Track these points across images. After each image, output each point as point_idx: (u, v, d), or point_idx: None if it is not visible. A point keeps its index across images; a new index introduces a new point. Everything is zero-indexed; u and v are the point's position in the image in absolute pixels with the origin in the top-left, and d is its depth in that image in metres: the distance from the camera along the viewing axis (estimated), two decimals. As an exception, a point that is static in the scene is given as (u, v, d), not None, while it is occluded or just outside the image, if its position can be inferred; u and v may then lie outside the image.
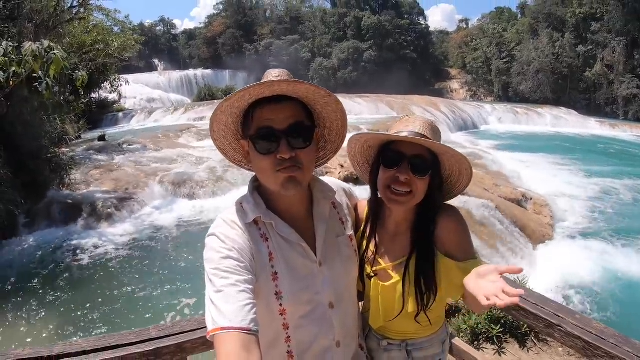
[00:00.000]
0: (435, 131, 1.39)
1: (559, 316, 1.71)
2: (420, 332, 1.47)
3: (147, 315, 6.17)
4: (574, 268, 8.11)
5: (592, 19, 39.70)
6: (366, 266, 1.45)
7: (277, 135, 1.17)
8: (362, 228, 1.49)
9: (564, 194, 12.84)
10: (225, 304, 1.04)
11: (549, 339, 3.65)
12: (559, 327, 1.68)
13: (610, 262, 8.48)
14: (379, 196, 1.44)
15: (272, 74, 1.26)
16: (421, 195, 1.36)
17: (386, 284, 1.42)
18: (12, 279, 7.18)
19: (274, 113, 1.18)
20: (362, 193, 1.60)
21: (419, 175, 1.32)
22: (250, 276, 1.13)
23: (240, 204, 1.28)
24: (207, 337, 1.04)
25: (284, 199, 1.28)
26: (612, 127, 29.89)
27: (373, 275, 1.44)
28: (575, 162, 17.83)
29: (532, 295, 1.91)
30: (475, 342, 3.75)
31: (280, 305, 1.23)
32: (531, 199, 10.99)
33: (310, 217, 1.34)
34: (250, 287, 1.11)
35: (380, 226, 1.48)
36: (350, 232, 1.44)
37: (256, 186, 1.32)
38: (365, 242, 1.47)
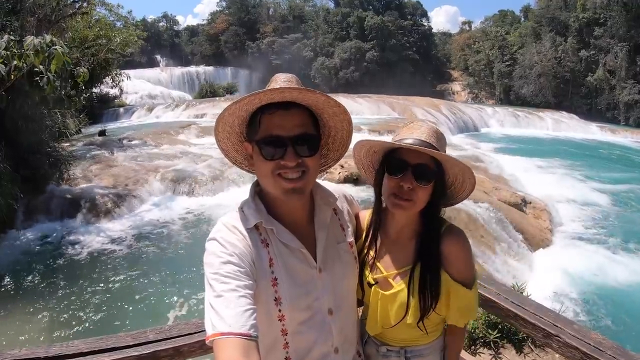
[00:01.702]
0: (440, 138, 1.39)
1: (557, 326, 1.72)
2: (420, 339, 1.47)
3: (145, 315, 6.15)
4: (573, 274, 8.11)
5: (595, 24, 39.68)
6: (366, 273, 1.45)
7: (284, 142, 1.18)
8: (363, 236, 1.49)
9: (563, 198, 12.81)
10: (225, 309, 1.04)
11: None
12: (557, 338, 1.68)
13: (610, 269, 8.45)
14: (382, 202, 1.44)
15: (281, 78, 1.27)
16: (424, 202, 1.36)
17: (387, 292, 1.42)
18: (9, 274, 7.18)
19: (283, 120, 1.18)
20: (362, 193, 1.60)
21: (423, 183, 1.33)
22: (250, 281, 1.13)
23: (241, 209, 1.28)
24: (207, 342, 1.03)
25: (285, 205, 1.28)
26: (613, 132, 29.93)
27: (373, 283, 1.44)
28: (575, 167, 17.83)
29: (530, 305, 1.92)
30: (472, 347, 3.75)
31: (279, 311, 1.22)
32: (530, 203, 10.99)
33: (311, 223, 1.34)
34: (250, 292, 1.10)
35: (381, 233, 1.48)
36: (351, 238, 1.44)
37: (257, 191, 1.32)
38: (365, 250, 1.46)
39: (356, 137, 1.40)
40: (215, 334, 1.01)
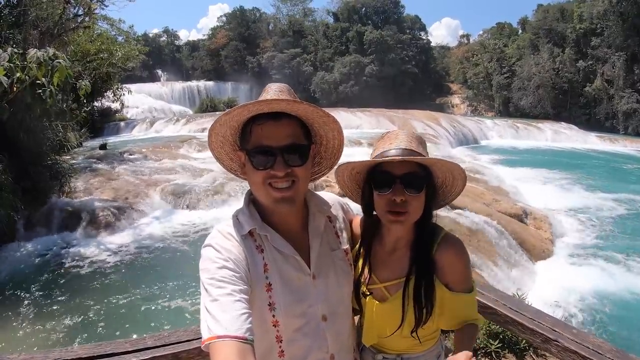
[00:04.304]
0: (421, 142, 1.39)
1: (555, 331, 1.72)
2: (416, 347, 1.46)
3: (144, 325, 6.12)
4: (574, 284, 8.06)
5: (592, 34, 40.14)
6: (361, 284, 1.44)
7: (274, 152, 1.20)
8: (357, 246, 1.48)
9: (564, 209, 12.80)
10: (222, 312, 1.05)
11: (547, 354, 3.62)
12: (555, 342, 1.68)
13: (610, 279, 8.42)
14: (371, 215, 1.44)
15: (273, 89, 1.30)
16: (419, 211, 1.35)
17: (382, 303, 1.41)
18: (9, 285, 7.15)
19: (272, 131, 1.21)
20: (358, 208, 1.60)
21: (414, 192, 1.31)
22: (245, 286, 1.14)
23: (235, 217, 1.30)
24: (202, 346, 1.04)
25: (278, 213, 1.30)
26: (612, 141, 30.02)
27: (368, 293, 1.43)
28: (575, 178, 17.81)
29: (528, 310, 1.92)
30: (473, 358, 3.71)
31: (273, 316, 1.23)
32: (531, 214, 10.97)
33: (306, 230, 1.35)
34: (246, 297, 1.11)
35: (376, 244, 1.46)
36: (346, 246, 1.45)
37: (252, 199, 1.34)
38: (360, 261, 1.46)
39: (356, 151, 1.39)
40: (212, 337, 1.02)
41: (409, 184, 1.31)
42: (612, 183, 17.08)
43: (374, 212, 1.42)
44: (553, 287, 7.90)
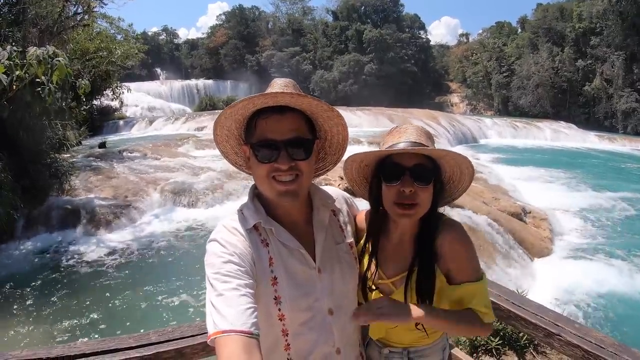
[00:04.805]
0: (429, 136, 1.39)
1: (558, 325, 1.72)
2: (422, 340, 1.46)
3: (146, 322, 6.12)
4: (574, 282, 8.07)
5: (591, 33, 40.19)
6: (368, 278, 1.44)
7: (278, 146, 1.20)
8: (362, 241, 1.48)
9: (563, 208, 12.81)
10: (227, 307, 1.05)
11: (547, 351, 3.64)
12: (558, 337, 1.68)
13: (610, 277, 8.42)
14: (378, 210, 1.44)
15: (278, 83, 1.31)
16: (428, 204, 1.35)
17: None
18: (10, 283, 7.15)
19: (276, 124, 1.21)
20: (364, 202, 1.59)
21: (423, 184, 1.32)
22: (251, 280, 1.14)
23: (240, 211, 1.31)
24: (208, 341, 1.04)
25: (283, 206, 1.30)
26: (611, 141, 30.07)
27: (375, 288, 1.43)
28: (574, 176, 17.83)
29: (531, 305, 1.92)
30: (474, 354, 3.73)
31: (279, 310, 1.24)
32: (530, 212, 10.98)
33: (310, 224, 1.36)
34: (251, 291, 1.11)
35: (382, 238, 1.46)
36: (351, 239, 1.45)
37: (256, 193, 1.34)
38: (366, 256, 1.46)
39: (356, 150, 1.39)
40: (217, 332, 1.02)
41: (418, 176, 1.31)
42: (612, 182, 17.11)
43: (381, 207, 1.42)
44: (552, 285, 7.91)
